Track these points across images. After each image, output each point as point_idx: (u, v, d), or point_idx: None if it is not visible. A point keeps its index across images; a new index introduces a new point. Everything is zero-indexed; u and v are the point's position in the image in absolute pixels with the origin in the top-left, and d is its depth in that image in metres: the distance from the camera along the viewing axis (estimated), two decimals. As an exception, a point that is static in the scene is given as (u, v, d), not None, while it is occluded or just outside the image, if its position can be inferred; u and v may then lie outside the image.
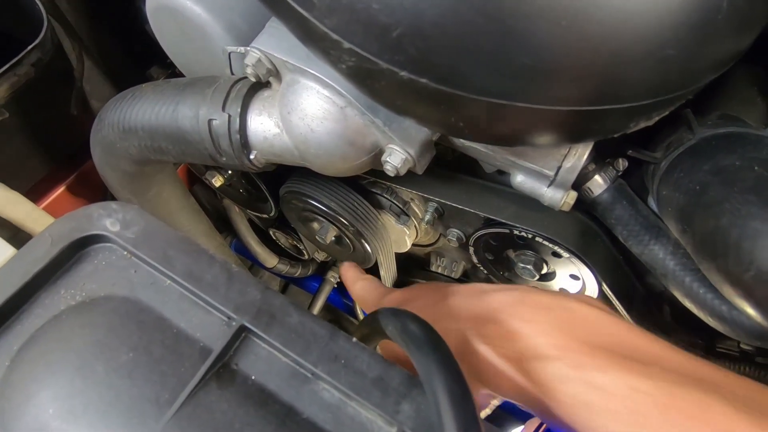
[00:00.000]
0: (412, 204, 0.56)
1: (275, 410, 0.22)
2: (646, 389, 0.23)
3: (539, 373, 0.25)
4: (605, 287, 0.46)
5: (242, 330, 0.24)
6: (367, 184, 0.57)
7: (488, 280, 0.58)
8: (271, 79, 0.41)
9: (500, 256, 0.54)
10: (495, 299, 0.29)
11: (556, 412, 0.25)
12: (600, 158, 0.43)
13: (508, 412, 0.79)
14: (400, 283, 0.68)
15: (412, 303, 0.33)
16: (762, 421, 0.21)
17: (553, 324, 0.26)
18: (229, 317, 0.24)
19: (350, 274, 0.43)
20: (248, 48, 0.39)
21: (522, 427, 0.61)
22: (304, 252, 0.86)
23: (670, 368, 0.24)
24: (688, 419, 0.21)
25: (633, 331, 0.26)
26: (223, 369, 0.23)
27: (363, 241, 0.57)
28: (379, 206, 0.58)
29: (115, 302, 0.25)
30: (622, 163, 0.43)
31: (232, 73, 0.44)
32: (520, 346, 0.26)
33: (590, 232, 0.47)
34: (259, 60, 0.39)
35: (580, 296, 0.28)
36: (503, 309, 0.28)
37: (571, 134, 0.29)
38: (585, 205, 0.45)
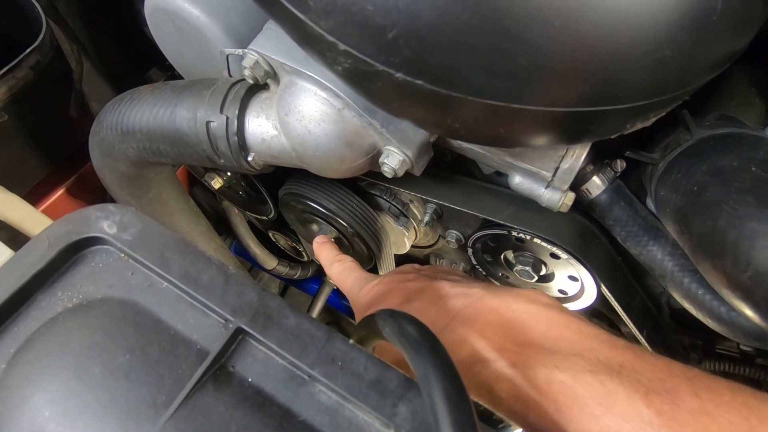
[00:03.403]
0: (411, 205, 0.56)
1: (272, 413, 0.22)
2: (565, 380, 0.24)
3: (481, 375, 0.27)
4: (604, 288, 0.46)
5: (239, 332, 0.24)
6: (365, 186, 0.57)
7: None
8: (268, 81, 0.41)
9: (499, 258, 0.54)
10: (451, 306, 0.31)
11: (500, 410, 0.26)
12: (598, 159, 0.43)
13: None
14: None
15: (385, 301, 0.34)
16: (653, 397, 0.23)
17: (494, 327, 0.28)
18: (225, 319, 0.24)
19: (325, 254, 0.44)
20: (246, 50, 0.39)
21: (520, 429, 0.61)
22: (304, 254, 0.86)
23: (591, 357, 0.25)
24: (598, 405, 0.23)
25: (566, 323, 0.28)
26: (219, 371, 0.23)
27: (362, 242, 0.57)
28: (378, 208, 0.58)
29: (111, 304, 0.25)
30: (620, 164, 0.43)
31: (230, 75, 0.44)
32: (466, 352, 0.28)
33: (588, 234, 0.47)
34: (257, 62, 0.39)
35: (528, 293, 0.30)
36: (455, 317, 0.30)
37: (568, 135, 0.29)
38: (583, 206, 0.45)
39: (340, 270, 0.42)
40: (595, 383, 0.24)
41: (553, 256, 0.47)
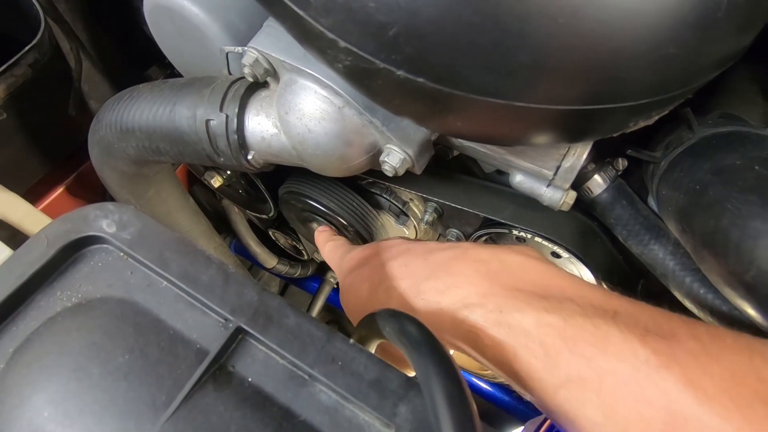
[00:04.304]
0: (411, 204, 0.56)
1: (272, 413, 0.22)
2: (555, 323, 0.23)
3: (467, 320, 0.26)
4: (605, 287, 0.46)
5: (239, 332, 0.24)
6: (366, 185, 0.57)
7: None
8: (268, 79, 0.40)
9: (500, 256, 0.54)
10: (437, 257, 0.30)
11: (486, 357, 0.25)
12: (599, 158, 0.43)
13: (509, 413, 0.79)
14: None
15: (369, 262, 0.33)
16: (650, 338, 0.22)
17: (482, 274, 0.27)
18: (225, 319, 0.24)
19: (322, 237, 0.44)
20: (246, 48, 0.38)
21: (522, 427, 0.61)
22: (304, 252, 0.86)
23: (584, 303, 0.24)
24: (590, 346, 0.22)
25: (558, 274, 0.27)
26: (219, 371, 0.23)
27: (362, 241, 0.57)
28: (378, 206, 0.58)
29: (111, 304, 0.24)
30: (621, 163, 0.43)
31: (230, 73, 0.44)
32: (451, 298, 0.27)
33: (590, 232, 0.46)
34: (257, 60, 0.38)
35: (518, 248, 0.29)
36: (441, 265, 0.29)
37: (570, 134, 0.29)
38: (584, 204, 0.45)
39: (330, 247, 0.41)
40: (588, 325, 0.23)
41: (555, 254, 0.47)
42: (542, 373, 0.23)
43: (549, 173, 0.38)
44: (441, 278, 0.28)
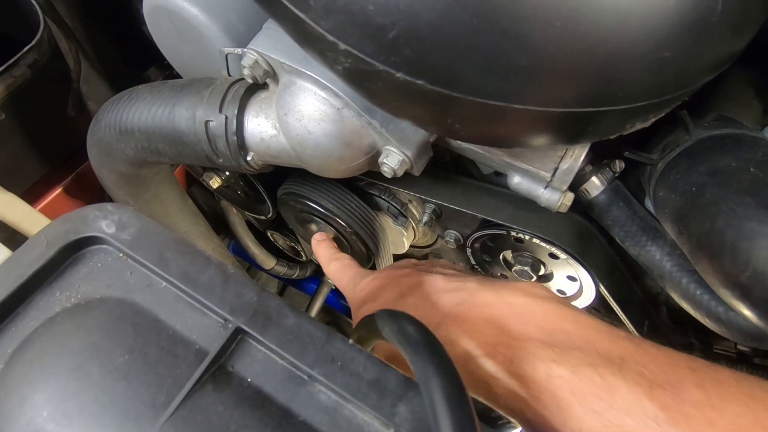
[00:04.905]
0: (410, 205, 0.56)
1: (271, 413, 0.22)
2: (564, 374, 0.24)
3: (478, 371, 0.26)
4: (602, 288, 0.46)
5: (238, 332, 0.24)
6: (364, 186, 0.57)
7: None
8: (268, 80, 0.41)
9: (497, 258, 0.54)
10: (446, 302, 0.30)
11: (498, 406, 0.26)
12: (597, 160, 0.43)
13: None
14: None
15: (381, 296, 0.34)
16: (657, 391, 0.22)
17: (489, 322, 0.28)
18: (225, 319, 0.24)
19: (323, 252, 0.44)
20: (245, 49, 0.39)
21: (521, 428, 0.61)
22: (302, 254, 0.86)
23: (590, 350, 0.25)
24: (599, 400, 0.23)
25: (563, 315, 0.27)
26: (219, 371, 0.23)
27: (360, 242, 0.57)
28: (376, 208, 0.58)
29: (110, 304, 0.24)
30: (618, 165, 0.43)
31: (229, 75, 0.44)
32: (461, 349, 0.27)
33: (587, 234, 0.47)
34: (256, 61, 0.39)
35: (524, 286, 0.30)
36: (449, 313, 0.29)
37: (568, 136, 0.29)
38: (582, 206, 0.45)
39: (336, 267, 0.42)
40: (595, 377, 0.23)
41: (552, 256, 0.47)
42: (555, 425, 0.24)
43: (547, 175, 0.39)
44: (450, 327, 0.28)
